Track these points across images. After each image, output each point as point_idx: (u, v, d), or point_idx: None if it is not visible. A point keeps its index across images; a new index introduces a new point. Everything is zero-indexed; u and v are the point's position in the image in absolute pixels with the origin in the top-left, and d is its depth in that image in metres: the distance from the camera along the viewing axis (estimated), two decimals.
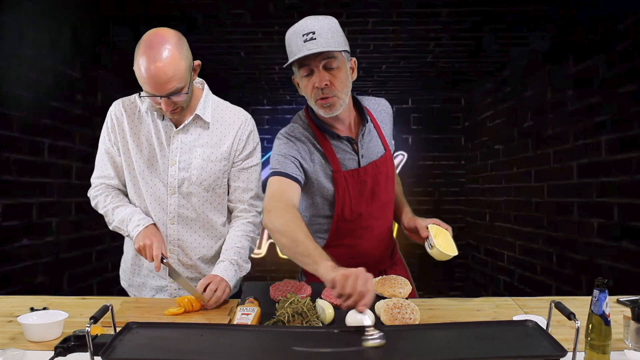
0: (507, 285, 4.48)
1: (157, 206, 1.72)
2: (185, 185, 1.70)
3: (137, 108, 1.72)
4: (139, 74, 1.50)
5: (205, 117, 1.70)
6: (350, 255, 1.68)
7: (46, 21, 3.06)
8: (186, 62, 1.54)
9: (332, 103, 1.55)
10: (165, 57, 1.47)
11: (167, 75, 1.48)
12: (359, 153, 1.67)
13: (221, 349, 1.03)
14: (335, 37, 1.51)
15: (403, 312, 1.35)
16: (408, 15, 3.28)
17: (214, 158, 1.71)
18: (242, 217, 1.78)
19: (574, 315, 1.04)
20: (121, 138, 1.71)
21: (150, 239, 1.60)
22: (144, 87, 1.53)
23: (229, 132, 1.73)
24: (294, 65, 1.58)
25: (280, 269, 5.69)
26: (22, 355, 1.15)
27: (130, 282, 1.86)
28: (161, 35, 1.50)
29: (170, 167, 1.69)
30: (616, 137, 2.78)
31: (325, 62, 1.51)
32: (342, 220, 1.67)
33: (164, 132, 1.69)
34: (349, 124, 1.68)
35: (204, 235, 1.77)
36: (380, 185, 1.69)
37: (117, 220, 1.70)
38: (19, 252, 2.85)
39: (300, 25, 1.52)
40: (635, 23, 2.60)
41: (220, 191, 1.76)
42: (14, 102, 2.78)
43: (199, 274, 1.79)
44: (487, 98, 4.99)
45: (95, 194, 1.76)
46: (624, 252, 2.72)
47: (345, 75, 1.56)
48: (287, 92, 5.50)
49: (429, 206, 5.69)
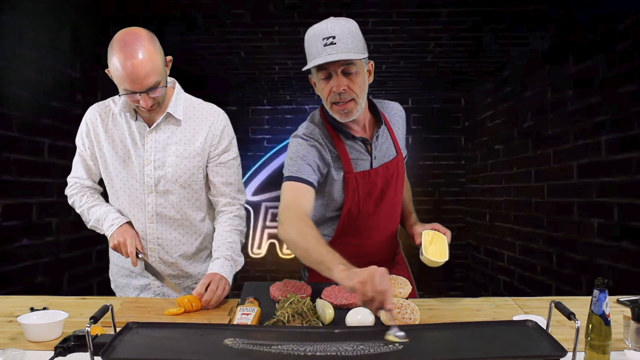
0: (507, 285, 4.48)
1: (136, 206, 1.74)
2: (162, 184, 1.72)
3: (111, 111, 1.75)
4: (116, 73, 1.54)
5: (177, 114, 1.71)
6: (355, 255, 1.69)
7: (46, 21, 3.05)
8: (161, 57, 1.58)
9: (349, 109, 1.56)
10: (142, 53, 1.51)
11: (145, 70, 1.51)
12: (372, 154, 1.68)
13: (221, 349, 1.03)
14: (355, 42, 1.51)
15: (403, 312, 1.35)
16: (408, 15, 3.28)
17: (187, 154, 1.72)
18: (227, 212, 1.79)
19: (574, 315, 1.04)
20: (96, 142, 1.75)
21: (124, 236, 1.66)
22: (123, 85, 1.55)
23: (201, 129, 1.74)
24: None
25: (280, 269, 5.69)
26: (22, 355, 1.15)
27: (116, 284, 1.90)
28: (134, 33, 1.55)
29: (146, 167, 1.71)
30: (616, 137, 2.78)
31: (344, 68, 1.52)
32: (349, 219, 1.68)
33: (138, 132, 1.71)
34: (363, 125, 1.69)
35: (183, 232, 1.78)
36: (390, 187, 1.71)
37: (93, 220, 1.76)
38: (19, 252, 2.85)
39: (321, 28, 1.52)
40: (635, 23, 2.60)
41: (197, 187, 1.77)
42: (14, 102, 2.78)
43: (180, 271, 1.81)
44: (487, 98, 4.99)
45: (70, 192, 1.83)
46: (624, 252, 2.72)
47: (363, 80, 1.57)
48: (287, 92, 5.50)
49: (429, 206, 5.70)
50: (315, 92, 1.65)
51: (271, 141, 5.75)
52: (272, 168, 5.72)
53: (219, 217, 1.80)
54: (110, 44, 1.55)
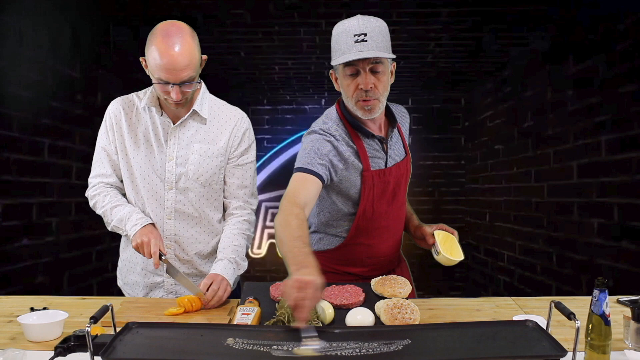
0: (507, 285, 4.48)
1: (155, 202, 1.73)
2: (183, 181, 1.71)
3: (135, 106, 1.74)
4: (153, 61, 1.54)
5: (203, 113, 1.72)
6: (367, 255, 1.72)
7: (46, 21, 3.06)
8: (199, 54, 1.60)
9: (372, 106, 1.57)
10: (182, 45, 1.53)
11: (183, 63, 1.53)
12: (387, 153, 1.69)
13: (221, 349, 1.03)
14: (384, 41, 1.54)
15: (403, 312, 1.35)
16: (408, 15, 3.29)
17: (210, 154, 1.72)
18: (237, 215, 1.79)
19: (574, 315, 1.04)
20: (119, 136, 1.73)
21: (148, 237, 1.61)
22: (158, 74, 1.55)
23: (225, 129, 1.75)
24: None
25: (280, 269, 5.68)
26: (22, 355, 1.15)
27: (125, 281, 1.87)
28: (177, 26, 1.57)
29: (168, 163, 1.71)
30: (616, 137, 2.78)
31: (373, 66, 1.53)
32: (363, 218, 1.69)
33: (162, 128, 1.71)
34: (380, 124, 1.70)
35: (200, 231, 1.78)
36: (400, 187, 1.73)
37: (116, 220, 1.70)
38: (19, 252, 2.85)
39: (352, 25, 1.53)
40: (635, 23, 2.60)
41: (216, 187, 1.77)
42: (14, 102, 2.78)
43: (195, 269, 1.80)
44: (487, 98, 4.99)
45: (93, 193, 1.77)
46: (624, 252, 2.72)
47: (387, 80, 1.59)
48: (287, 92, 5.50)
49: (429, 206, 5.70)
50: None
51: (271, 141, 5.75)
52: (272, 168, 5.72)
53: (228, 219, 1.80)
54: (152, 32, 1.56)
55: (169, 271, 1.66)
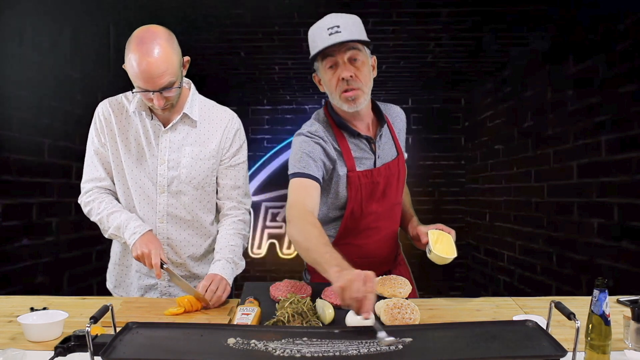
0: (507, 285, 4.47)
1: (146, 205, 1.72)
2: (175, 184, 1.71)
3: (125, 108, 1.72)
4: (131, 70, 1.52)
5: (193, 115, 1.71)
6: (358, 255, 1.70)
7: (46, 21, 3.05)
8: (177, 57, 1.57)
9: (356, 96, 1.57)
10: (158, 51, 1.50)
11: (160, 70, 1.50)
12: (375, 153, 1.69)
13: (221, 349, 1.03)
14: (359, 30, 1.56)
15: (403, 312, 1.35)
16: (408, 15, 3.28)
17: (202, 156, 1.72)
18: (232, 215, 1.78)
19: (574, 315, 1.04)
20: (110, 138, 1.71)
21: (148, 247, 1.60)
22: (137, 83, 1.54)
23: (216, 131, 1.74)
24: (318, 60, 1.59)
25: (280, 269, 5.69)
26: (22, 355, 1.15)
27: (116, 283, 1.87)
28: (152, 31, 1.53)
29: (159, 166, 1.70)
30: (616, 137, 2.78)
31: (350, 54, 1.54)
32: (351, 219, 1.68)
33: (152, 132, 1.70)
34: (367, 124, 1.70)
35: (192, 233, 1.77)
36: (391, 187, 1.72)
37: (113, 227, 1.68)
38: (19, 252, 2.85)
39: (325, 21, 1.55)
40: (635, 23, 2.60)
41: (209, 189, 1.77)
42: (14, 102, 2.78)
43: (188, 272, 1.80)
44: (487, 98, 4.99)
45: (87, 200, 1.74)
46: (624, 252, 2.72)
47: (368, 71, 1.59)
48: (287, 92, 5.50)
49: (429, 206, 5.70)
50: (320, 90, 1.65)
51: (271, 141, 5.75)
52: (272, 168, 5.72)
53: (223, 220, 1.79)
54: (129, 40, 1.53)
55: (172, 279, 1.66)
